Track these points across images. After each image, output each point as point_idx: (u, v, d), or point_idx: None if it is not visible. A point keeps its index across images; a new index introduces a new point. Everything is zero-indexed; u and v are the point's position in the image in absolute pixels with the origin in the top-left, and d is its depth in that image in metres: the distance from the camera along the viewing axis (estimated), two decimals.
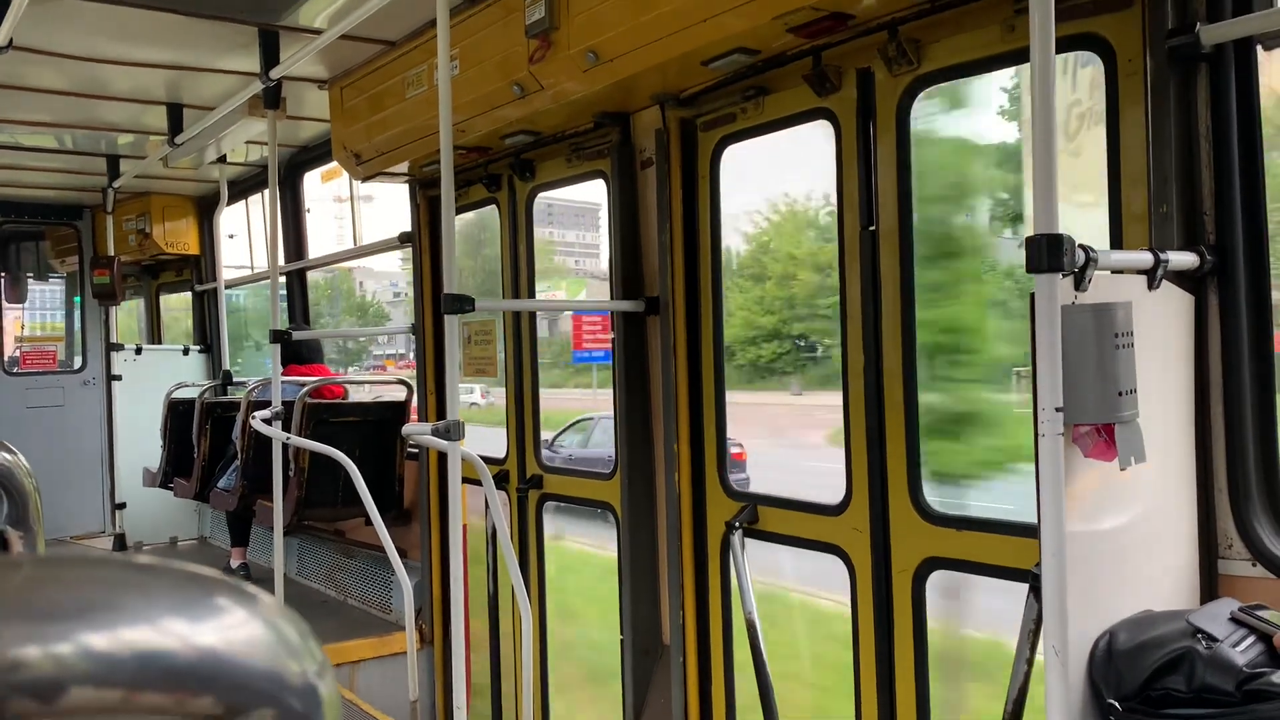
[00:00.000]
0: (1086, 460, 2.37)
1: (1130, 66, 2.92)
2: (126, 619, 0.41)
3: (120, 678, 0.39)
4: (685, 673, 4.42)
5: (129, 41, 5.45)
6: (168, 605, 0.43)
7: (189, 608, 0.43)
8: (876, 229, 3.65)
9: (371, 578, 6.85)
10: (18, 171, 8.57)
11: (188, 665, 0.41)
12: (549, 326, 21.74)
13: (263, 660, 0.44)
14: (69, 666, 0.39)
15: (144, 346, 9.77)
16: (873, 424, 3.68)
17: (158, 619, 0.42)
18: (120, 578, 0.43)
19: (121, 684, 0.39)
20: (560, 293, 23.72)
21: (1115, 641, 2.39)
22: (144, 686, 0.40)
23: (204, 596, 0.44)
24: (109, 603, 0.41)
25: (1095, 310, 2.34)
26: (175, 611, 0.42)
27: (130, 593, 0.42)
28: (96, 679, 0.39)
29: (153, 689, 0.40)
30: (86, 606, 0.40)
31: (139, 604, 0.42)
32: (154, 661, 0.40)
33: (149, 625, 0.41)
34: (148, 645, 0.40)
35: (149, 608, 0.42)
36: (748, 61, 3.82)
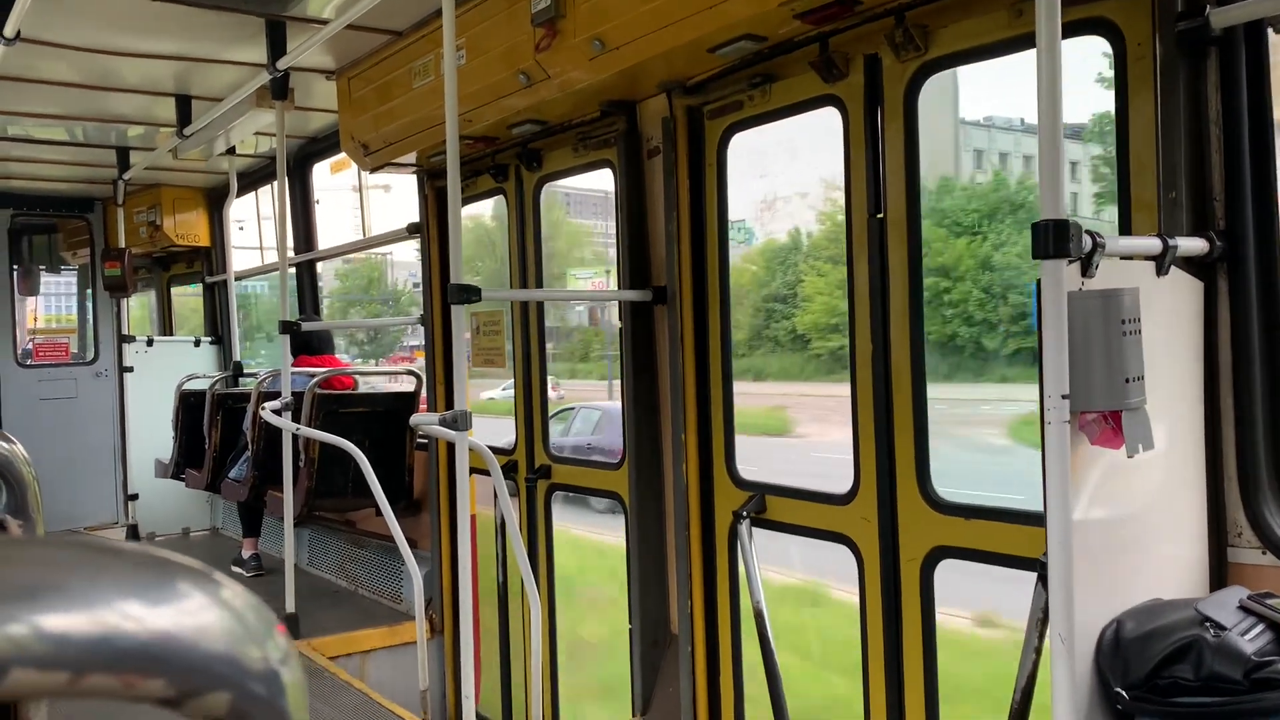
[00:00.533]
0: (1094, 448, 2.35)
1: (1139, 51, 2.89)
2: (75, 600, 0.40)
3: (65, 659, 0.39)
4: (693, 662, 4.42)
5: (137, 33, 5.46)
6: (121, 587, 0.42)
7: (144, 590, 0.43)
8: (884, 216, 3.63)
9: (381, 568, 6.87)
10: (29, 164, 8.61)
11: (137, 647, 0.41)
12: (605, 309, 21.13)
13: (218, 644, 0.43)
14: (12, 647, 0.38)
15: (155, 338, 9.81)
16: (881, 413, 3.66)
17: (109, 601, 0.41)
18: (77, 559, 0.43)
19: (65, 666, 0.39)
20: (603, 280, 23.10)
21: (1123, 630, 2.38)
22: (90, 669, 0.40)
23: (162, 579, 0.44)
24: (59, 584, 0.41)
25: (1102, 296, 2.32)
26: (128, 593, 0.42)
27: (83, 574, 0.42)
28: (40, 660, 0.38)
29: (99, 671, 0.40)
30: (36, 587, 0.40)
31: (89, 586, 0.41)
32: (101, 644, 0.40)
33: (99, 607, 0.41)
34: (95, 627, 0.40)
35: (100, 589, 0.41)
36: (754, 48, 3.80)
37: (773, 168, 4.50)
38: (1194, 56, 2.77)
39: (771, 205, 10.90)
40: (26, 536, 0.42)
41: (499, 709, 6.05)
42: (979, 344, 11.16)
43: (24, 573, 0.41)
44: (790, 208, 10.28)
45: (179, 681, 0.42)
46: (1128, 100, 2.94)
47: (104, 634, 0.40)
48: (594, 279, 20.59)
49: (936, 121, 11.41)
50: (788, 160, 4.09)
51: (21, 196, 9.63)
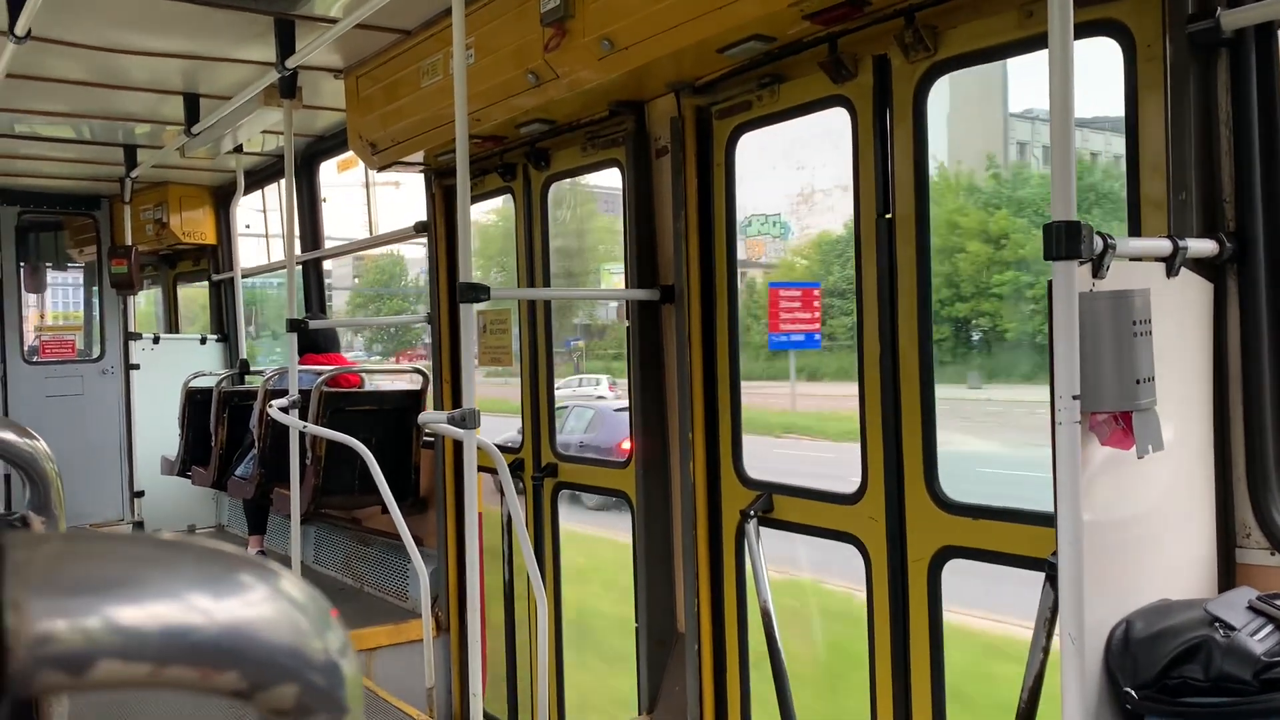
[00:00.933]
0: (1104, 448, 2.36)
1: (1149, 52, 2.90)
2: (153, 594, 0.41)
3: (147, 651, 0.40)
4: (700, 660, 4.43)
5: (146, 31, 5.48)
6: (193, 581, 0.43)
7: (214, 584, 0.44)
8: (893, 217, 3.64)
9: (388, 565, 6.89)
10: (37, 162, 8.63)
11: (213, 640, 0.42)
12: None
13: (286, 637, 0.44)
14: (97, 640, 0.39)
15: (161, 336, 9.83)
16: (889, 413, 3.67)
17: (183, 594, 0.42)
18: (146, 554, 0.44)
19: (149, 658, 0.40)
20: None
21: (1132, 630, 2.38)
22: (170, 660, 0.41)
23: (228, 573, 0.45)
24: (135, 578, 0.42)
25: (1113, 298, 2.33)
26: (200, 587, 0.43)
27: (156, 568, 0.43)
28: (124, 652, 0.39)
29: (179, 663, 0.41)
30: (113, 581, 0.41)
31: (165, 579, 0.42)
32: (180, 636, 0.41)
33: (175, 600, 0.42)
34: (174, 620, 0.41)
35: (175, 583, 0.42)
36: (763, 49, 3.80)
37: (813, 159, 4.43)
38: (1205, 58, 2.78)
39: (809, 198, 10.62)
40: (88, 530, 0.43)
41: (505, 707, 6.06)
42: None
43: (102, 568, 0.42)
44: (831, 200, 9.99)
45: (251, 674, 0.43)
46: (1138, 101, 2.95)
47: (182, 627, 0.41)
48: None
49: (986, 114, 11.14)
50: (831, 150, 4.00)
51: (29, 194, 9.65)
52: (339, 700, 0.46)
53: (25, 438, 1.43)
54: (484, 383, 14.23)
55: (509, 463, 4.92)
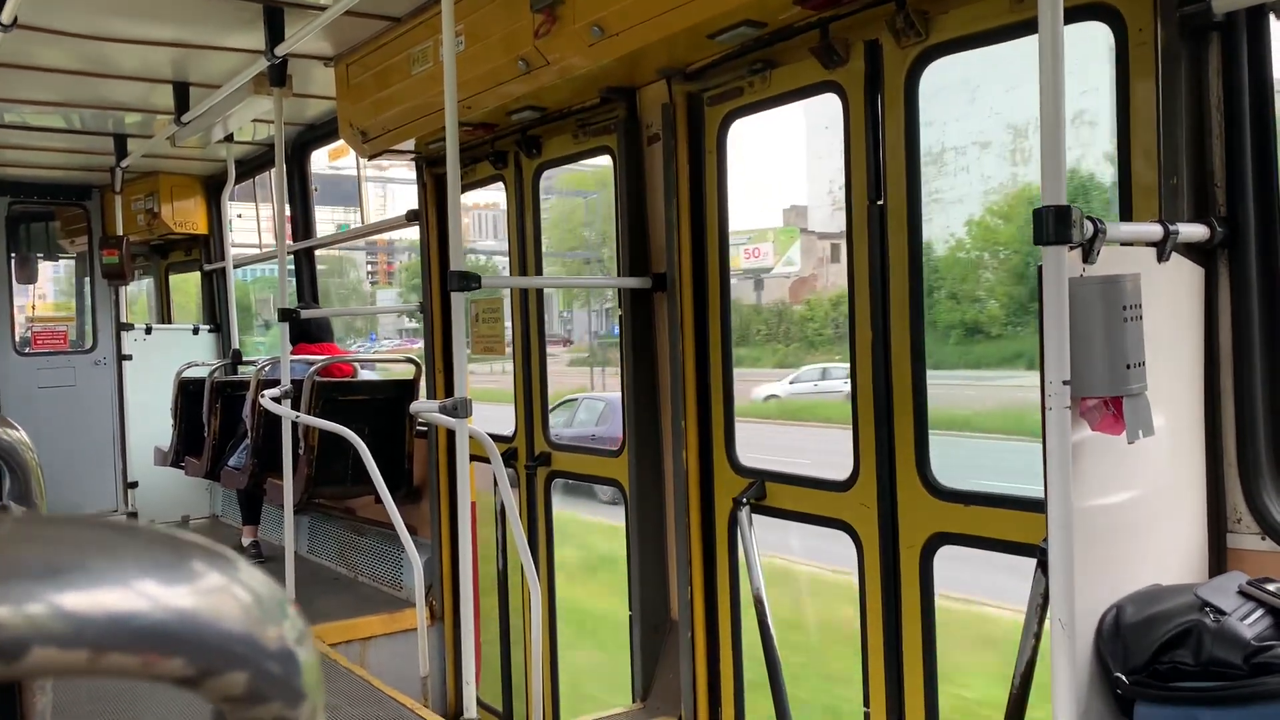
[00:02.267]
0: (1094, 434, 2.36)
1: (1140, 36, 2.89)
2: (95, 579, 0.40)
3: (85, 638, 0.39)
4: (693, 648, 4.44)
5: (134, 19, 5.44)
6: (139, 566, 0.42)
7: (161, 570, 0.43)
8: (885, 203, 3.63)
9: (382, 555, 6.89)
10: (26, 152, 8.58)
11: (156, 627, 0.41)
12: (754, 291, 18.83)
13: (236, 624, 0.43)
14: (32, 626, 0.38)
15: (154, 326, 9.80)
16: (880, 400, 3.67)
17: (128, 580, 0.41)
18: (94, 538, 0.43)
19: (86, 644, 0.39)
20: (767, 244, 19.62)
21: (1123, 615, 2.39)
22: (110, 647, 0.40)
23: (178, 559, 0.44)
24: (78, 563, 0.41)
25: (1103, 283, 2.32)
26: (146, 573, 0.42)
27: (101, 553, 0.42)
28: (61, 639, 0.39)
29: (120, 650, 0.40)
30: (55, 566, 0.40)
31: (108, 565, 0.41)
32: (121, 623, 0.40)
33: (118, 586, 0.41)
34: (115, 606, 0.40)
35: (119, 568, 0.42)
36: (754, 34, 3.79)
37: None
38: (1196, 42, 2.77)
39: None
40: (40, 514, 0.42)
41: (499, 695, 6.07)
42: None
43: (43, 551, 0.41)
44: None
45: (198, 661, 0.42)
46: (1129, 86, 2.94)
47: (124, 613, 0.40)
48: (755, 244, 18.57)
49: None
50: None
51: (19, 184, 9.60)
52: (295, 687, 0.45)
53: (4, 427, 1.42)
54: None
55: (502, 451, 4.91)
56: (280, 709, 0.44)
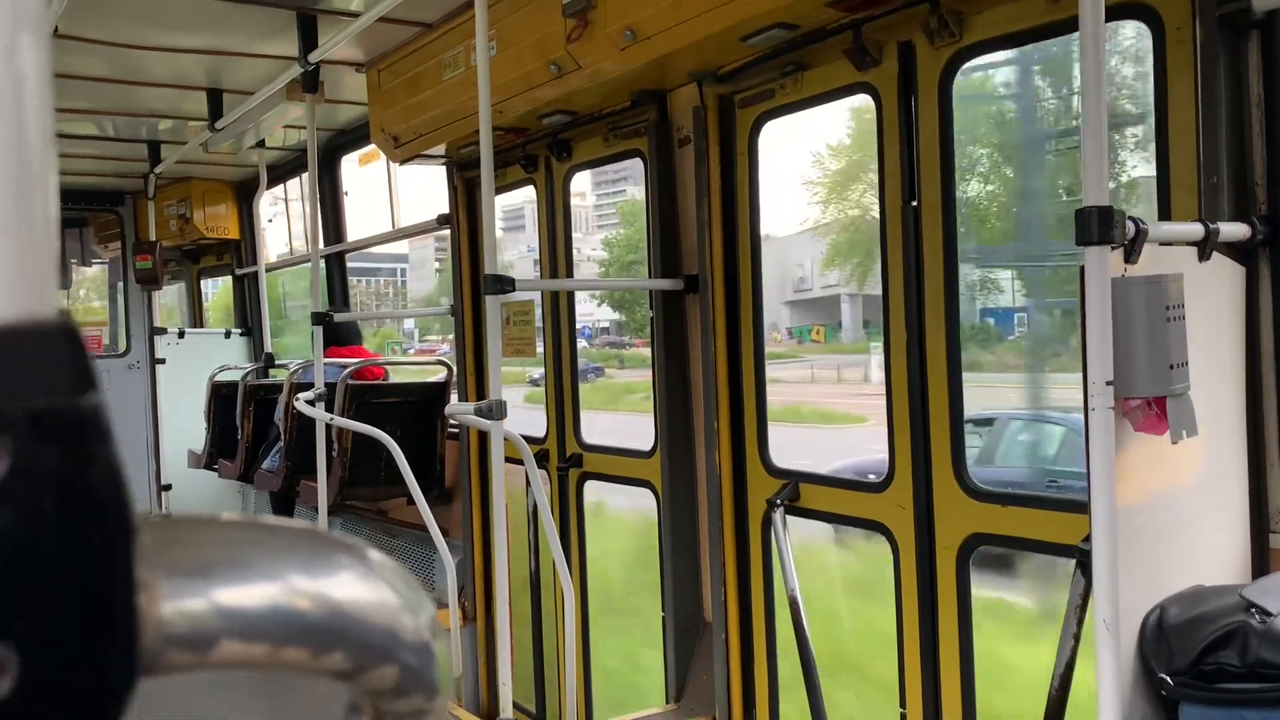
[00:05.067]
0: (1137, 434, 2.35)
1: (1179, 35, 2.87)
2: (260, 575, 0.42)
3: (265, 632, 0.41)
4: (728, 649, 4.45)
5: (169, 28, 5.51)
6: (294, 561, 0.44)
7: (313, 564, 0.44)
8: (919, 204, 3.63)
9: (414, 556, 6.93)
10: (61, 159, 8.59)
11: (320, 621, 0.43)
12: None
13: (383, 616, 0.45)
14: (219, 621, 0.40)
15: (186, 330, 9.90)
16: (916, 400, 3.66)
17: (288, 575, 0.43)
18: (245, 536, 0.45)
19: (266, 638, 0.41)
20: None
21: (1166, 616, 2.38)
22: (285, 641, 0.42)
23: (325, 553, 0.46)
24: (243, 560, 0.43)
25: (1146, 283, 2.32)
26: (303, 569, 0.44)
27: (260, 549, 0.44)
28: (244, 633, 0.41)
29: (293, 644, 0.42)
30: (225, 563, 0.42)
31: (271, 561, 0.43)
32: (293, 618, 0.42)
33: (281, 581, 0.43)
34: (284, 601, 0.42)
35: (280, 564, 0.43)
36: (786, 37, 3.79)
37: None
38: (1235, 39, 2.76)
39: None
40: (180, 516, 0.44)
41: (532, 696, 6.09)
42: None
43: (214, 550, 0.43)
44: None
45: (356, 655, 0.44)
46: (1167, 84, 2.93)
47: (294, 607, 0.42)
48: None
49: None
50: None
51: None
52: (431, 680, 0.47)
53: None
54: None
55: (534, 453, 4.94)
56: (420, 702, 0.46)
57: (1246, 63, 2.77)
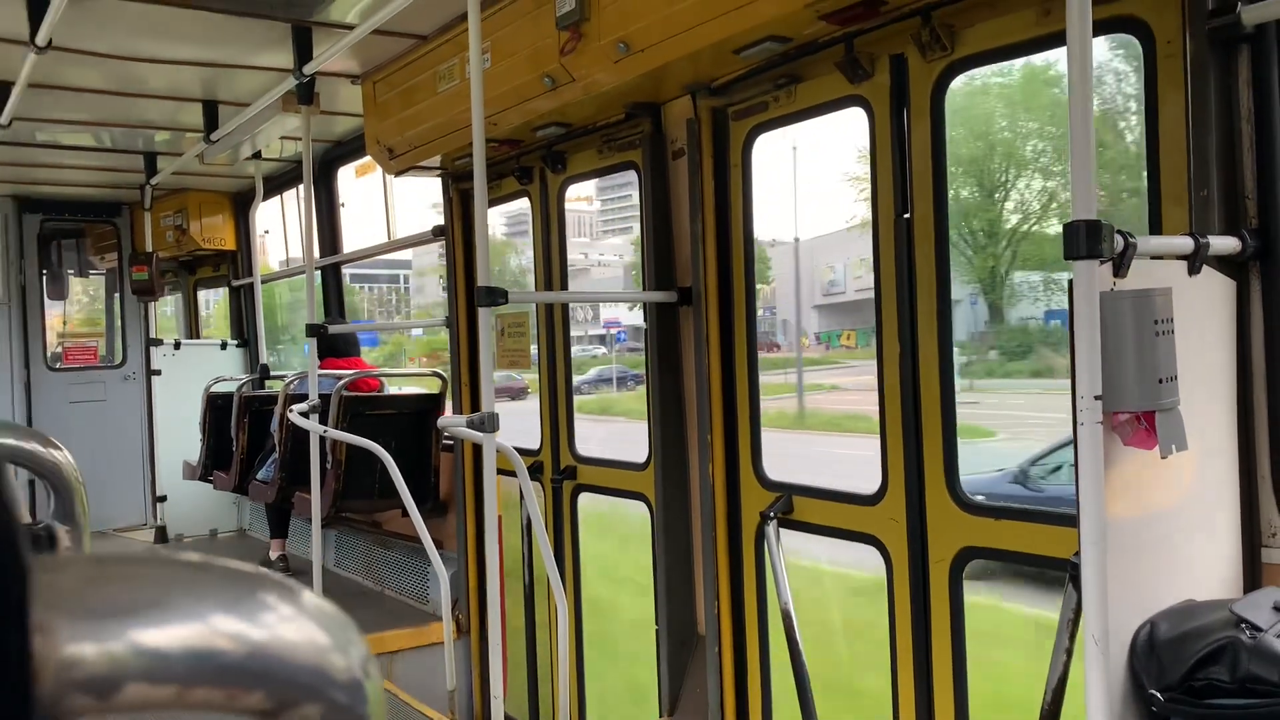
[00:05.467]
0: (1126, 448, 2.35)
1: (1169, 49, 2.88)
2: (177, 616, 0.42)
3: (173, 674, 0.40)
4: (721, 662, 4.43)
5: (165, 40, 5.52)
6: (217, 602, 0.43)
7: (236, 604, 0.44)
8: (911, 217, 3.63)
9: (408, 569, 6.91)
10: (58, 170, 8.71)
11: (238, 661, 0.42)
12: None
13: (309, 656, 0.44)
14: (124, 663, 0.39)
15: (182, 341, 9.90)
16: (908, 413, 3.66)
17: (208, 615, 0.42)
18: (170, 575, 0.44)
19: (175, 680, 0.40)
20: None
21: (1157, 631, 2.37)
22: (196, 682, 0.41)
23: (250, 593, 0.45)
24: (160, 600, 0.42)
25: (1135, 297, 2.31)
26: (224, 608, 0.43)
27: (180, 590, 0.43)
28: (150, 675, 0.40)
29: (204, 685, 0.41)
30: (138, 604, 0.41)
31: (189, 601, 0.43)
32: (206, 658, 0.41)
33: (199, 622, 0.42)
34: (199, 642, 0.41)
35: (199, 604, 0.43)
36: (779, 49, 3.80)
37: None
38: (1225, 53, 2.76)
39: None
40: (111, 552, 0.43)
41: (526, 709, 6.07)
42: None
43: (127, 590, 0.42)
44: None
45: (277, 694, 0.43)
46: (1158, 98, 2.93)
47: (207, 648, 0.41)
48: None
49: None
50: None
51: (50, 202, 9.74)
52: (362, 717, 0.46)
53: (49, 447, 1.44)
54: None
55: (528, 465, 4.93)
56: None
57: (1237, 76, 2.78)
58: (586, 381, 19.12)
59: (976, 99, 5.61)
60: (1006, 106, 9.46)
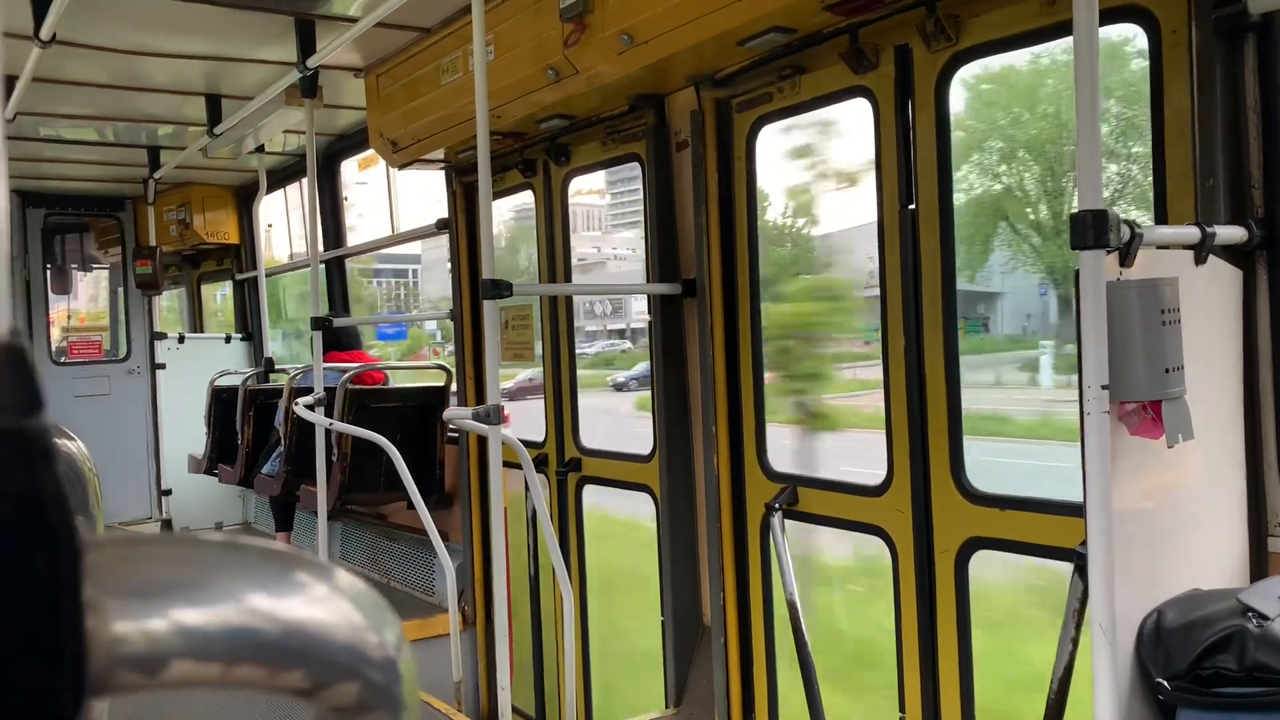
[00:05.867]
0: (1133, 438, 2.35)
1: (1175, 38, 2.87)
2: (219, 595, 0.42)
3: (217, 652, 0.41)
4: (726, 653, 4.44)
5: (168, 34, 5.52)
6: (253, 581, 0.44)
7: (274, 583, 0.44)
8: (916, 208, 3.63)
9: (414, 561, 6.93)
10: (61, 164, 8.71)
11: (278, 640, 0.42)
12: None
13: (345, 634, 0.45)
14: (169, 641, 0.40)
15: (186, 335, 9.91)
16: (914, 404, 3.66)
17: (247, 594, 0.43)
18: (208, 555, 0.44)
19: (218, 658, 0.41)
20: None
21: (1163, 620, 2.37)
22: (239, 660, 0.41)
23: (287, 572, 0.45)
24: (201, 580, 0.43)
25: (1141, 287, 2.31)
26: (262, 587, 0.44)
27: (219, 569, 0.44)
28: (196, 653, 0.40)
29: (247, 662, 0.42)
30: (181, 583, 0.42)
31: (229, 580, 0.43)
32: (247, 636, 0.42)
33: (240, 601, 0.43)
34: (240, 621, 0.42)
35: (238, 583, 0.43)
36: (783, 40, 3.79)
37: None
38: (1231, 43, 2.75)
39: None
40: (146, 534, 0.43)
41: (532, 700, 6.09)
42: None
43: (168, 570, 0.43)
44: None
45: (315, 672, 0.43)
46: (1163, 88, 2.92)
47: (250, 627, 0.42)
48: None
49: None
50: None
51: (54, 196, 9.75)
52: (397, 696, 0.47)
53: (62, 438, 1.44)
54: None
55: (533, 457, 4.94)
56: (385, 718, 0.46)
57: (1243, 66, 2.77)
58: (634, 378, 18.81)
59: (1043, 76, 5.50)
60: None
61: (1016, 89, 3.36)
